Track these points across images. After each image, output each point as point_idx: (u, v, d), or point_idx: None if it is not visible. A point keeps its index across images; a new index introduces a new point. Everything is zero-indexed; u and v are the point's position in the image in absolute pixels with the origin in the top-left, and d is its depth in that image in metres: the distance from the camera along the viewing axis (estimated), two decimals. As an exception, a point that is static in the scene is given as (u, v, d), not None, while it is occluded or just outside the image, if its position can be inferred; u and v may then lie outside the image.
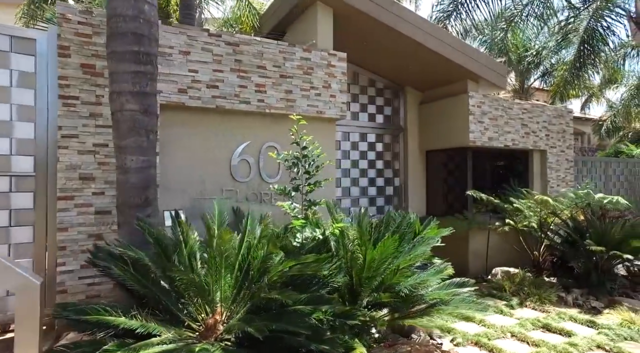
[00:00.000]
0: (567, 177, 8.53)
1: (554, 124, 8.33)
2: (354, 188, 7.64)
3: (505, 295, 5.82)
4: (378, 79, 7.93)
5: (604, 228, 5.53)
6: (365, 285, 3.07)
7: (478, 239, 7.18)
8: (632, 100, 12.98)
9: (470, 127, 7.04)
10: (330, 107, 5.63)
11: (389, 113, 8.10)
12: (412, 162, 8.13)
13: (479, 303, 3.24)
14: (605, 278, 5.60)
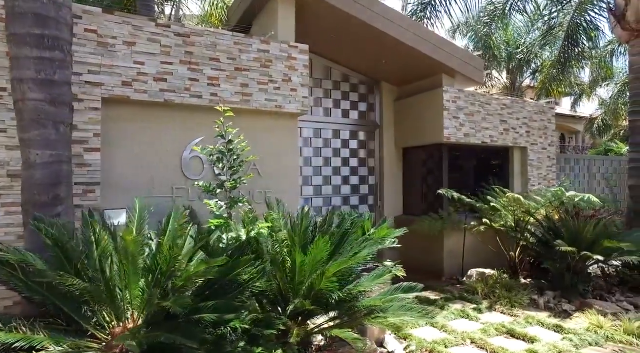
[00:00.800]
0: (549, 175, 8.26)
1: (535, 120, 8.07)
2: (326, 187, 7.39)
3: (476, 298, 5.56)
4: (352, 74, 7.68)
5: (577, 228, 5.27)
6: (293, 291, 2.82)
7: (454, 240, 6.92)
8: (620, 98, 12.69)
9: (445, 123, 6.78)
10: (291, 101, 5.38)
11: (364, 109, 7.85)
12: (389, 159, 7.88)
13: (421, 310, 2.98)
14: (579, 280, 5.34)
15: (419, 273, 7.32)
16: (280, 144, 5.47)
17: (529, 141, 7.97)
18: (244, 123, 5.21)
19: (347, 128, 7.63)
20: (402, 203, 7.97)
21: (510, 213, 6.03)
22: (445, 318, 4.77)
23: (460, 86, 7.24)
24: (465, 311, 4.97)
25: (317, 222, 3.62)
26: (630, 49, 6.83)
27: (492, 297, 5.45)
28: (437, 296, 5.79)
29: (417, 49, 6.46)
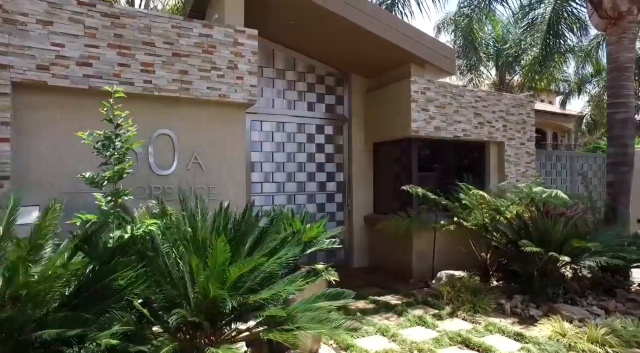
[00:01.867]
0: (527, 171, 7.86)
1: (513, 114, 7.67)
2: (289, 183, 6.98)
3: (439, 303, 5.16)
4: (319, 65, 7.28)
5: (546, 227, 4.87)
6: (182, 299, 2.42)
7: (424, 240, 6.51)
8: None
9: (413, 116, 6.37)
10: (237, 90, 4.97)
11: (331, 102, 7.44)
12: (358, 155, 7.47)
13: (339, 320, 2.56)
14: (548, 283, 4.94)
15: (387, 275, 6.96)
16: (226, 136, 5.06)
17: (506, 135, 7.58)
18: (184, 112, 4.82)
19: (313, 122, 7.22)
20: (372, 202, 7.56)
21: (479, 211, 5.63)
22: (399, 326, 4.35)
23: (431, 77, 6.84)
24: (424, 318, 4.55)
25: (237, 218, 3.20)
26: (607, 38, 6.44)
27: (456, 301, 5.04)
28: (399, 300, 5.38)
29: (383, 36, 6.06)
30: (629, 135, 6.26)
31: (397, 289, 5.89)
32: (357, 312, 4.84)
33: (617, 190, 6.28)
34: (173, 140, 4.73)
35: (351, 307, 5.03)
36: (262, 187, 6.72)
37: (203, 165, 4.90)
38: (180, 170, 4.78)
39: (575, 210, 5.16)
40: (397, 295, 5.63)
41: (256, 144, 6.69)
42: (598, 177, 9.82)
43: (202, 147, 4.91)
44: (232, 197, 4.96)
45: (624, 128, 6.26)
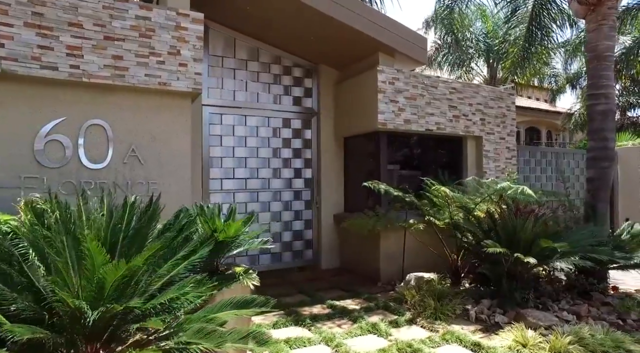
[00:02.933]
0: (508, 168, 7.47)
1: (492, 107, 7.28)
2: (253, 180, 6.59)
3: (401, 308, 4.78)
4: (285, 55, 6.88)
5: (514, 225, 4.49)
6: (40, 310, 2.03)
7: (393, 240, 6.12)
8: None
9: (380, 107, 5.99)
10: (180, 78, 4.57)
11: (299, 94, 7.05)
12: (328, 150, 7.09)
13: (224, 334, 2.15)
14: (517, 286, 4.55)
15: (355, 277, 6.56)
16: (169, 127, 4.67)
17: (484, 130, 7.19)
18: (119, 101, 4.43)
19: (279, 115, 6.82)
20: (343, 199, 7.17)
21: (447, 209, 5.24)
22: (348, 335, 3.97)
23: (401, 67, 6.46)
24: (378, 325, 4.16)
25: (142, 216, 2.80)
26: (586, 25, 6.05)
27: (418, 307, 4.64)
28: (359, 305, 4.99)
29: (348, 24, 5.68)
30: (609, 128, 5.87)
31: (361, 292, 5.50)
32: (309, 318, 4.44)
33: (597, 187, 5.88)
34: (107, 132, 4.34)
35: (304, 313, 4.65)
36: (222, 183, 6.33)
37: (142, 159, 4.51)
38: (116, 163, 4.38)
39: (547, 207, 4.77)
40: (359, 299, 5.25)
41: (216, 138, 6.30)
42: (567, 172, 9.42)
43: (141, 139, 4.52)
44: (174, 193, 4.58)
45: (605, 120, 5.86)
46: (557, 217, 5.04)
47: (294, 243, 6.92)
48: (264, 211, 6.66)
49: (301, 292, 5.60)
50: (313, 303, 5.05)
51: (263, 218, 6.64)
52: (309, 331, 4.10)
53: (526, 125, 22.81)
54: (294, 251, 6.92)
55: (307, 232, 7.02)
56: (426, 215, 5.77)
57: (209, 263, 3.09)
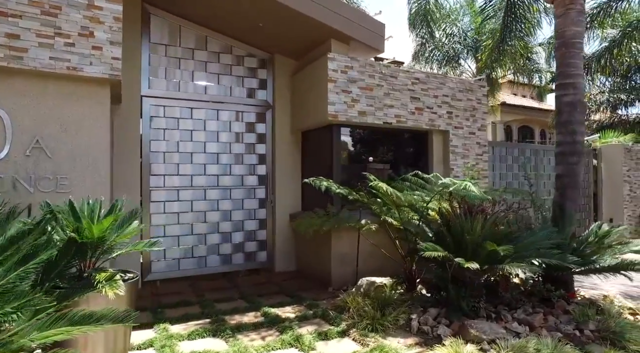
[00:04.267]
0: (478, 164, 7.02)
1: (460, 99, 6.83)
2: (200, 177, 6.15)
3: (339, 317, 4.33)
4: (237, 44, 6.44)
5: (463, 227, 4.04)
6: None
7: (346, 242, 5.68)
8: None
9: (330, 98, 5.54)
10: (93, 62, 4.13)
11: (253, 86, 6.61)
12: (283, 145, 6.65)
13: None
14: (466, 293, 4.10)
15: (308, 281, 6.11)
16: (83, 117, 4.22)
17: (452, 124, 6.73)
18: (19, 87, 4.00)
19: (230, 107, 6.39)
20: (300, 198, 6.73)
21: (395, 209, 4.79)
22: (265, 348, 3.52)
23: (358, 55, 6.01)
24: (303, 338, 3.72)
25: None
26: (555, 10, 5.59)
27: (357, 316, 4.19)
28: (297, 313, 4.56)
29: (296, 9, 5.25)
30: (577, 121, 5.41)
31: (305, 298, 5.07)
32: (233, 328, 4.01)
33: (565, 184, 5.42)
34: (4, 120, 3.91)
35: (231, 322, 4.22)
36: (164, 180, 5.90)
37: (49, 152, 4.07)
38: (16, 156, 3.95)
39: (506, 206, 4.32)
40: (300, 306, 4.81)
41: (158, 131, 5.87)
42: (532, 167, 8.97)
43: (48, 129, 4.09)
44: (90, 189, 4.14)
45: (573, 112, 5.40)
46: (507, 217, 4.55)
47: (246, 244, 6.49)
48: (212, 210, 6.23)
49: (242, 298, 5.17)
50: (248, 310, 4.62)
51: (212, 218, 6.21)
52: (224, 343, 3.67)
53: (519, 123, 22.36)
54: (245, 253, 6.48)
55: (260, 232, 6.59)
56: (382, 215, 5.32)
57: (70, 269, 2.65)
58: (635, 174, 9.49)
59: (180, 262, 6.01)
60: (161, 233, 5.84)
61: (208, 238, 6.20)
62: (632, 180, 9.43)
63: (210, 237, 6.22)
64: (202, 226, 6.16)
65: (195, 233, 6.11)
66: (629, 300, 5.75)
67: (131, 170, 5.52)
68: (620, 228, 4.87)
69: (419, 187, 4.56)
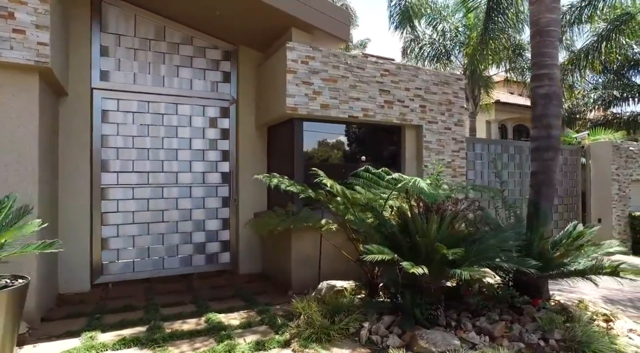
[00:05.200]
0: (454, 161, 6.68)
1: (434, 92, 6.49)
2: (158, 174, 5.84)
3: (285, 325, 3.99)
4: (198, 35, 6.13)
5: (418, 227, 3.70)
6: None
7: (308, 243, 5.34)
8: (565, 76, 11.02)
9: (289, 90, 5.21)
10: (14, 47, 3.82)
11: (216, 79, 6.29)
12: (248, 141, 6.34)
13: None
14: (423, 300, 3.76)
15: (270, 284, 5.78)
16: (5, 109, 3.91)
17: (425, 118, 6.40)
18: None
19: (190, 101, 6.07)
20: (266, 195, 6.41)
21: (350, 208, 4.46)
22: (188, 361, 3.21)
23: (322, 45, 5.69)
24: (238, 349, 3.39)
25: None
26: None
27: (305, 324, 3.86)
28: (244, 319, 4.23)
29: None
30: (553, 114, 5.06)
31: (259, 303, 4.77)
32: (166, 336, 3.69)
33: (540, 182, 5.08)
34: None
35: (168, 329, 3.90)
36: (118, 177, 5.58)
37: (-35, 145, 3.77)
38: None
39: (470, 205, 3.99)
40: (251, 312, 4.49)
41: (112, 126, 5.56)
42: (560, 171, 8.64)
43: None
44: (14, 186, 3.83)
45: (548, 105, 5.05)
46: (476, 217, 4.21)
47: (208, 245, 6.17)
48: (171, 209, 5.91)
49: (194, 302, 4.86)
50: (193, 316, 4.30)
51: (171, 217, 5.90)
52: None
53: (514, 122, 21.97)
54: (207, 254, 6.16)
55: (223, 232, 6.27)
56: (342, 215, 4.98)
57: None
58: (624, 173, 9.11)
59: (135, 264, 5.70)
60: (114, 233, 5.53)
61: (167, 239, 5.88)
62: (621, 179, 9.06)
63: (169, 237, 5.90)
64: (160, 226, 5.85)
65: (153, 233, 5.79)
66: (608, 304, 5.42)
67: (79, 167, 5.22)
68: (595, 228, 4.53)
69: (373, 183, 4.22)
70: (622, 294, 5.94)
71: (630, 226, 9.02)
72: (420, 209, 3.89)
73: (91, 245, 5.30)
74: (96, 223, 5.35)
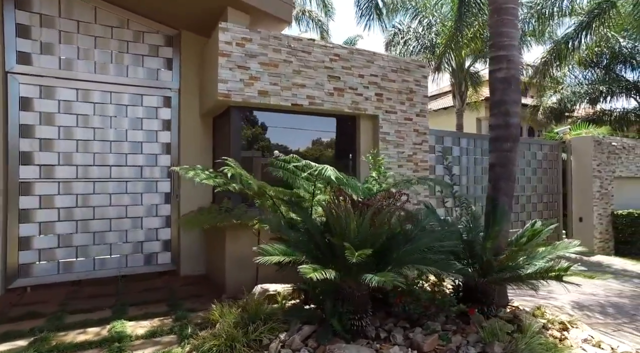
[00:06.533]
0: (416, 154, 6.20)
1: (393, 80, 6.02)
2: (92, 168, 5.39)
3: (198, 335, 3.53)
4: (136, 18, 5.66)
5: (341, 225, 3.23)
6: None
7: (246, 242, 4.84)
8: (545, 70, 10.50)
9: (221, 74, 4.75)
10: None
11: (156, 66, 5.82)
12: (192, 132, 5.88)
13: None
14: (345, 308, 3.29)
15: (206, 287, 5.31)
16: None
17: (382, 108, 5.92)
18: None
19: (128, 90, 5.61)
20: (212, 191, 5.94)
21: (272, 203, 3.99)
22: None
23: (263, 27, 5.22)
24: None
25: None
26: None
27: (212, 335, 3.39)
28: (152, 328, 3.78)
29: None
30: (512, 100, 4.58)
31: (182, 309, 4.31)
32: (53, 349, 3.23)
33: (498, 175, 4.60)
34: None
35: (59, 340, 3.46)
36: (41, 171, 5.12)
37: None
38: None
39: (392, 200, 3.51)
40: (169, 319, 4.05)
41: (34, 115, 5.11)
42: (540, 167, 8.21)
43: None
44: None
45: (507, 90, 4.58)
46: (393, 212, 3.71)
47: (147, 244, 5.71)
48: (105, 205, 5.46)
49: (112, 307, 4.40)
50: (99, 325, 3.86)
51: (104, 214, 5.45)
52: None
53: (506, 120, 21.45)
54: (146, 254, 5.70)
55: (164, 231, 5.81)
56: (276, 212, 4.50)
57: None
58: (606, 169, 8.61)
59: (62, 265, 5.24)
60: (35, 232, 5.07)
61: (99, 238, 5.43)
62: (603, 176, 8.56)
63: (103, 236, 5.44)
64: (92, 224, 5.39)
65: (83, 231, 5.34)
66: (576, 310, 4.95)
67: (-9, 159, 4.77)
68: (552, 227, 4.04)
69: (292, 174, 3.74)
70: (595, 299, 5.48)
71: (613, 225, 8.51)
72: (345, 205, 3.41)
73: (5, 246, 4.84)
74: (12, 221, 4.90)
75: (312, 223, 3.50)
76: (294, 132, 5.69)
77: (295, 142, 5.71)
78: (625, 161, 8.89)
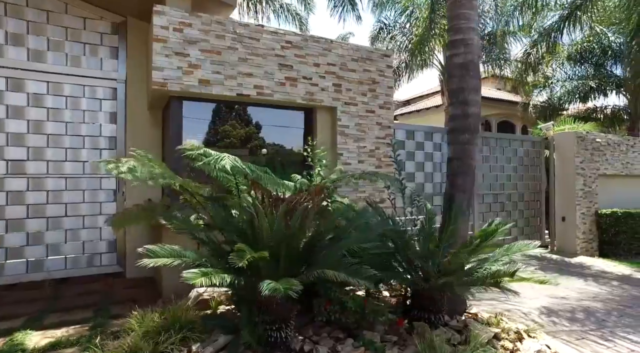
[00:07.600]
0: (379, 149, 5.83)
1: (353, 69, 5.65)
2: (31, 163, 5.05)
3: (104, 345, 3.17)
4: (76, 3, 5.31)
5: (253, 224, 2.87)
6: None
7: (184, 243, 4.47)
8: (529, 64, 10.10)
9: (156, 61, 4.39)
10: None
11: (100, 55, 5.46)
12: (139, 125, 5.54)
13: None
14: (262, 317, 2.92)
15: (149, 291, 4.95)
16: None
17: (340, 99, 5.55)
18: None
19: (68, 80, 5.26)
20: (161, 188, 5.57)
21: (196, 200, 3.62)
22: None
23: (208, 12, 4.86)
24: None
25: None
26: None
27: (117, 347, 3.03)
28: (61, 337, 3.42)
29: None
30: (471, 88, 4.21)
31: (106, 315, 3.95)
32: None
33: (455, 170, 4.24)
34: None
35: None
36: (-29, 166, 4.78)
37: None
38: None
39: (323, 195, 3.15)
40: (85, 327, 3.69)
41: (-39, 106, 4.76)
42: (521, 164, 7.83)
43: None
44: None
45: (465, 77, 4.21)
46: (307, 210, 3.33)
47: (90, 244, 5.35)
48: (43, 203, 5.11)
49: (31, 314, 4.04)
50: (3, 335, 3.48)
51: (43, 212, 5.09)
52: None
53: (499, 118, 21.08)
54: (88, 255, 5.34)
55: (109, 230, 5.44)
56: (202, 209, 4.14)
57: None
58: (590, 166, 8.21)
59: (6, 266, 4.89)
60: (-40, 231, 4.72)
61: (36, 238, 5.07)
62: (587, 173, 8.16)
63: (39, 236, 5.08)
64: (26, 223, 5.04)
65: (15, 231, 4.98)
66: (543, 316, 4.57)
67: None
68: (507, 226, 3.67)
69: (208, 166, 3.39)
70: (567, 303, 5.10)
71: (597, 225, 8.11)
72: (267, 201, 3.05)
73: None
74: None
75: (229, 222, 3.14)
76: (243, 123, 5.32)
77: (240, 134, 5.34)
78: (610, 158, 8.49)
